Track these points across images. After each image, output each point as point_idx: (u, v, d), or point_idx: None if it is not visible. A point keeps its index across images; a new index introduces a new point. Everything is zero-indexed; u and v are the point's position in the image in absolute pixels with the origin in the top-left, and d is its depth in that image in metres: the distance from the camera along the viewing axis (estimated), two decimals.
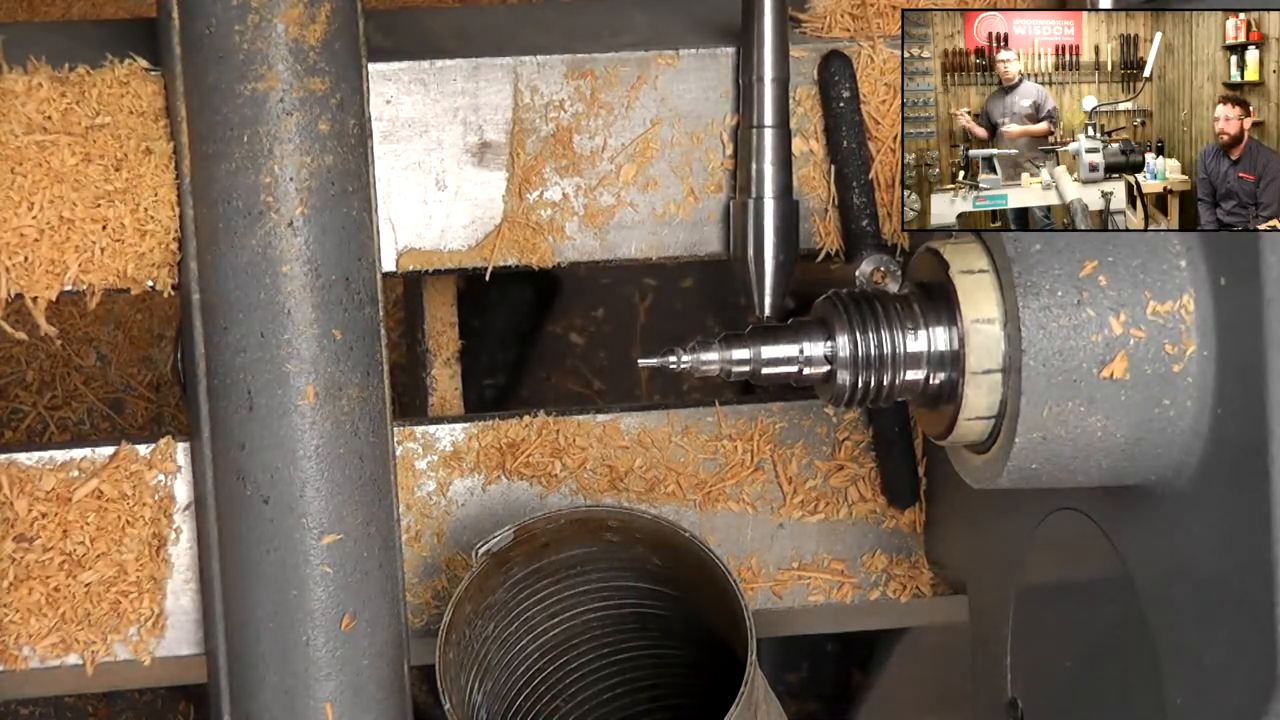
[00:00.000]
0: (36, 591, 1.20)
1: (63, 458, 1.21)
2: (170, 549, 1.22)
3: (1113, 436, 0.94)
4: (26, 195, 1.17)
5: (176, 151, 1.17)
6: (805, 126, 1.26)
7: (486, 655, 1.22)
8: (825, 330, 0.98)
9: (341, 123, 1.14)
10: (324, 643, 1.15)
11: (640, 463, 1.28)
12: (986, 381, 0.95)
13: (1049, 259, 0.93)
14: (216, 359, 1.15)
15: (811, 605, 1.30)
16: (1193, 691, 0.94)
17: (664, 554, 1.19)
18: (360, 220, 1.15)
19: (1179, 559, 0.95)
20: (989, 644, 1.19)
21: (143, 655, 1.22)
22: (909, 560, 1.31)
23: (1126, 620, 0.99)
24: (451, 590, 1.17)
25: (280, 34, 1.12)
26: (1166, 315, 0.93)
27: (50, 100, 1.17)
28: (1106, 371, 0.93)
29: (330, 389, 1.14)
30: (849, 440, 1.30)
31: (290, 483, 1.14)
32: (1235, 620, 0.90)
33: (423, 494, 1.26)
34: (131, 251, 1.18)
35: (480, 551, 1.16)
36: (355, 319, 1.15)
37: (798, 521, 1.30)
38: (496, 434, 1.27)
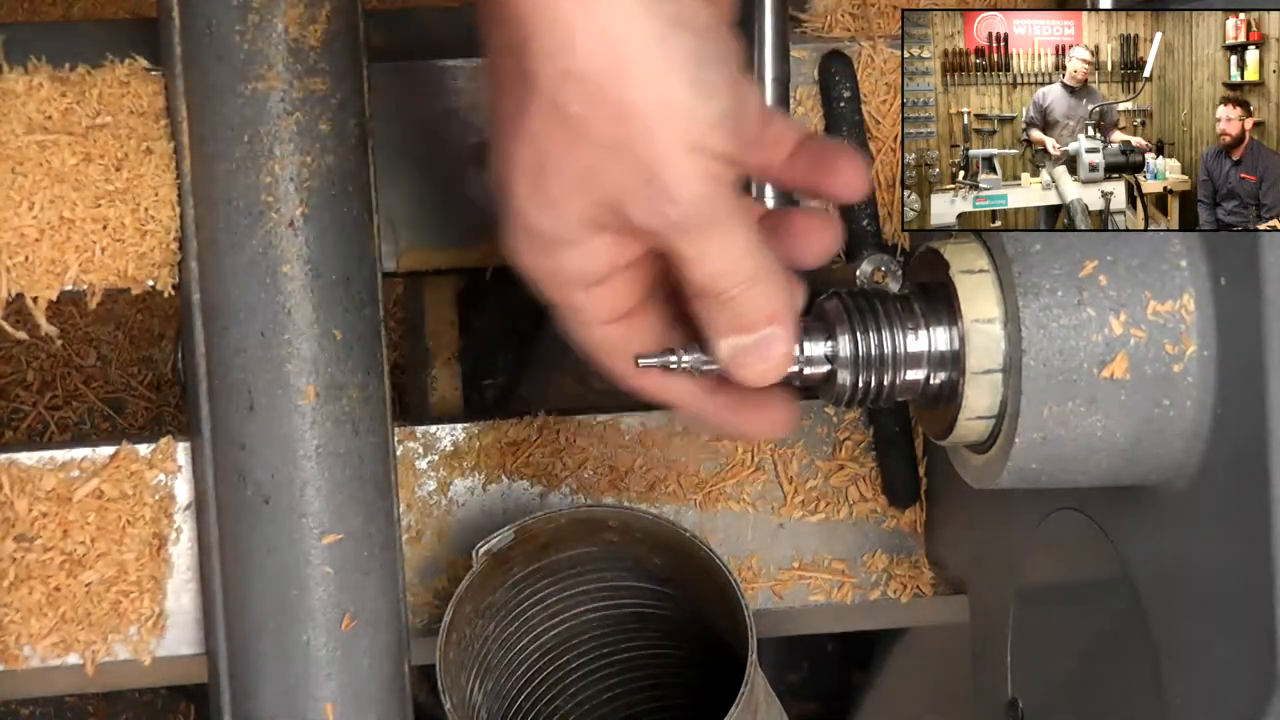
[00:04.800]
0: (37, 591, 1.20)
1: (63, 457, 1.21)
2: (171, 549, 1.22)
3: (1113, 436, 0.94)
4: (27, 195, 1.17)
5: (177, 151, 1.17)
6: (805, 126, 1.26)
7: (487, 655, 1.22)
8: (825, 330, 0.98)
9: (342, 123, 1.14)
10: (324, 643, 1.15)
11: (641, 462, 1.28)
12: (986, 381, 0.95)
13: (1049, 259, 0.93)
14: (216, 359, 1.15)
15: (812, 605, 1.30)
16: (1193, 691, 0.94)
17: (664, 554, 1.19)
18: (360, 220, 1.15)
19: (1179, 559, 0.95)
20: (989, 644, 1.19)
21: (143, 655, 1.22)
22: (909, 560, 1.31)
23: (1126, 620, 0.99)
24: (452, 590, 1.17)
25: (280, 34, 1.12)
26: (1166, 315, 0.93)
27: (50, 100, 1.17)
28: (1106, 371, 0.93)
29: (330, 389, 1.14)
30: (849, 440, 1.30)
31: (290, 483, 1.14)
32: (1235, 620, 0.90)
33: (423, 494, 1.26)
34: (132, 251, 1.18)
35: (480, 551, 1.16)
36: (355, 319, 1.15)
37: (798, 521, 1.30)
38: (497, 434, 1.27)
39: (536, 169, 0.88)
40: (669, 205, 0.87)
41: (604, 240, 0.91)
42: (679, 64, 0.85)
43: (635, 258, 0.93)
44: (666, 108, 0.85)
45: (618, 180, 0.87)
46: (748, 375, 0.95)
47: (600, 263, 0.92)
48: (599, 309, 0.95)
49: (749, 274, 0.92)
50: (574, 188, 0.88)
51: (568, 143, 0.86)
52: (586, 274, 0.93)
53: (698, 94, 0.85)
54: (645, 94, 0.84)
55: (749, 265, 0.91)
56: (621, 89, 0.84)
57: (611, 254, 0.92)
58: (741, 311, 0.93)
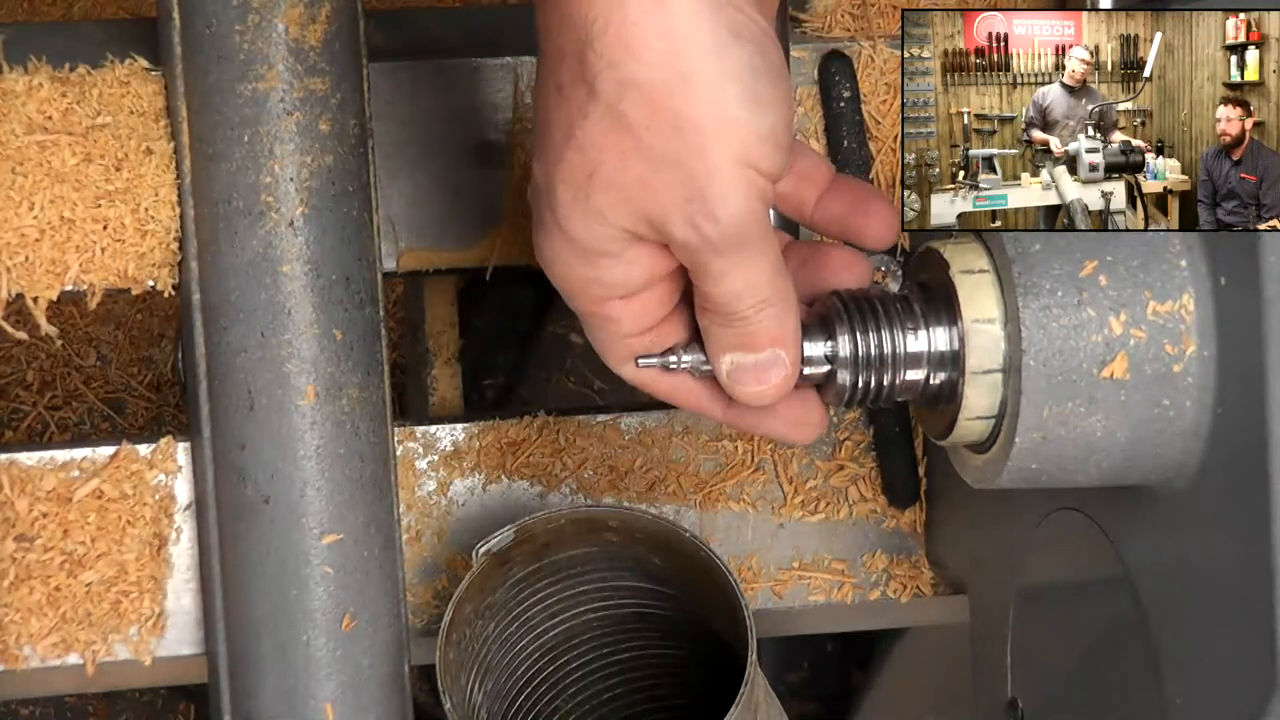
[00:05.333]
0: (37, 591, 1.20)
1: (63, 458, 1.21)
2: (171, 549, 1.22)
3: (1113, 436, 0.94)
4: (27, 195, 1.17)
5: (177, 151, 1.17)
6: (805, 126, 1.26)
7: (487, 655, 1.22)
8: (825, 330, 0.98)
9: (342, 123, 1.14)
10: (324, 643, 1.15)
11: (641, 462, 1.28)
12: (986, 381, 0.95)
13: (1049, 259, 0.93)
14: (216, 359, 1.15)
15: (812, 605, 1.30)
16: (1193, 691, 0.94)
17: (664, 554, 1.19)
18: (360, 220, 1.15)
19: (1179, 559, 0.95)
20: (989, 644, 1.19)
21: (143, 655, 1.22)
22: (909, 560, 1.31)
23: (1126, 620, 0.99)
24: (452, 590, 1.17)
25: (280, 34, 1.12)
26: (1166, 315, 0.93)
27: (51, 100, 1.17)
28: (1106, 371, 0.93)
29: (330, 389, 1.14)
30: (849, 440, 1.30)
31: (290, 483, 1.14)
32: (1235, 620, 0.90)
33: (423, 494, 1.26)
34: (132, 251, 1.18)
35: (480, 551, 1.16)
36: (355, 319, 1.15)
37: (798, 521, 1.30)
38: (497, 434, 1.27)
39: (585, 178, 0.87)
40: (709, 223, 0.87)
41: (644, 251, 0.90)
42: (736, 75, 0.84)
43: (673, 269, 0.93)
44: (722, 120, 0.85)
45: (663, 195, 0.86)
46: (743, 393, 0.96)
47: (639, 274, 0.92)
48: (633, 320, 0.95)
49: (765, 296, 0.92)
50: (621, 199, 0.87)
51: (622, 152, 0.86)
52: (625, 285, 0.93)
53: (753, 107, 0.85)
54: (703, 105, 0.84)
55: (767, 289, 0.92)
56: (683, 99, 0.84)
57: (651, 265, 0.92)
58: (749, 331, 0.93)
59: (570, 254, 0.91)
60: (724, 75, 0.84)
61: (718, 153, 0.85)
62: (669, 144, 0.85)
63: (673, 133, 0.84)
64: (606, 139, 0.86)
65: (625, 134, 0.85)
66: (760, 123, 0.85)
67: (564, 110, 0.87)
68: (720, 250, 0.88)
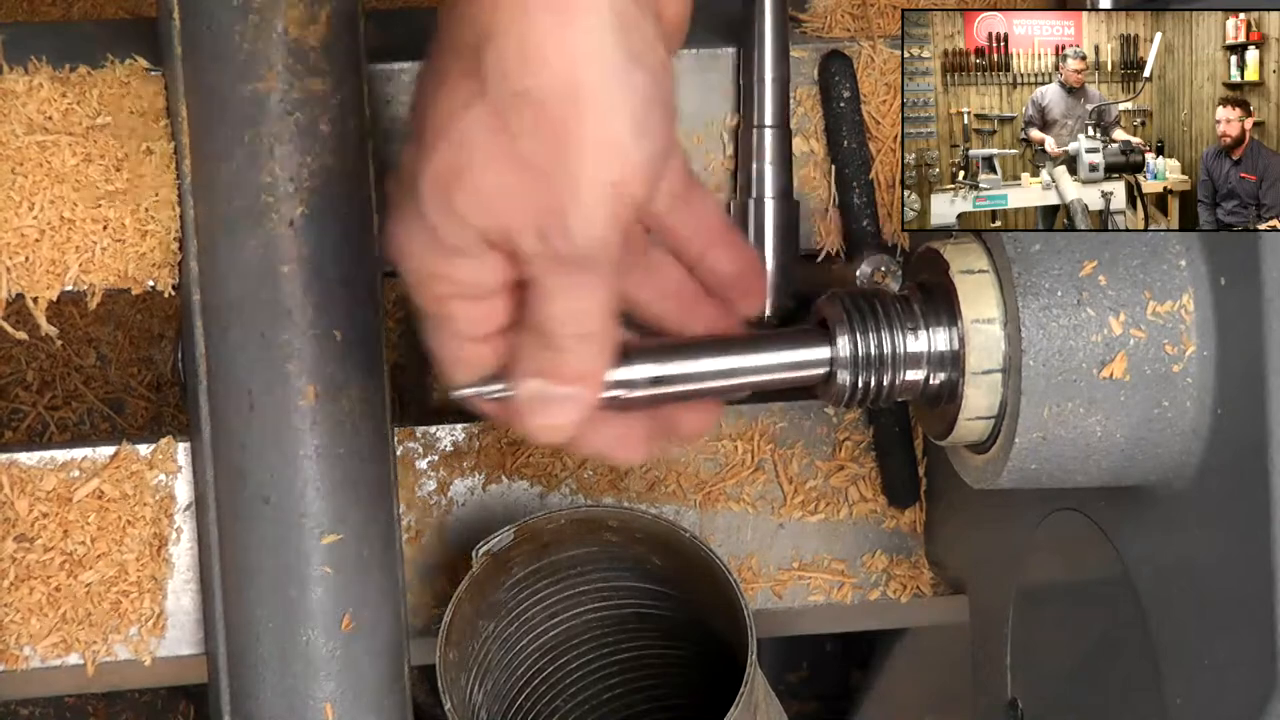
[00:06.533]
0: (37, 591, 1.20)
1: (63, 458, 1.21)
2: (171, 549, 1.22)
3: (1113, 437, 0.94)
4: (27, 195, 1.17)
5: (177, 151, 1.17)
6: (805, 126, 1.26)
7: (486, 655, 1.22)
8: (825, 331, 0.98)
9: (342, 123, 1.14)
10: (324, 643, 1.15)
11: (640, 462, 1.28)
12: (986, 381, 0.95)
13: (1049, 259, 0.93)
14: (216, 359, 1.15)
15: (811, 605, 1.31)
16: (1193, 691, 0.94)
17: (664, 554, 1.19)
18: (360, 220, 1.15)
19: (1179, 559, 0.95)
20: (989, 644, 1.19)
21: (143, 655, 1.22)
22: (909, 560, 1.31)
23: (1126, 620, 0.99)
24: (452, 590, 1.17)
25: (280, 34, 1.12)
26: (1166, 315, 0.93)
27: (51, 100, 1.17)
28: (1106, 371, 0.93)
29: (330, 389, 1.14)
30: (849, 440, 1.30)
31: (290, 482, 1.14)
32: (1235, 620, 0.90)
33: (423, 494, 1.26)
34: (132, 251, 1.18)
35: (480, 551, 1.16)
36: (355, 319, 1.15)
37: (798, 521, 1.30)
38: (497, 434, 1.27)
39: (453, 174, 0.85)
40: (562, 237, 0.85)
41: (499, 255, 0.88)
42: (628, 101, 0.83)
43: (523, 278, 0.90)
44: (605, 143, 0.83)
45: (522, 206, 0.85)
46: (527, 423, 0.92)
47: (490, 278, 0.89)
48: (474, 323, 0.92)
49: (589, 330, 0.89)
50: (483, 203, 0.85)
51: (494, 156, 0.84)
52: (474, 286, 0.90)
53: (638, 135, 0.83)
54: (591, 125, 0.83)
55: (594, 322, 0.89)
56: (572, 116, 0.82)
57: (505, 271, 0.89)
58: (563, 360, 0.90)
59: (424, 247, 0.89)
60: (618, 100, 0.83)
61: (593, 173, 0.83)
62: (545, 155, 0.83)
63: (553, 146, 0.83)
64: (482, 138, 0.84)
65: (503, 137, 0.84)
66: (640, 152, 0.84)
67: (448, 102, 0.85)
68: (564, 267, 0.86)
